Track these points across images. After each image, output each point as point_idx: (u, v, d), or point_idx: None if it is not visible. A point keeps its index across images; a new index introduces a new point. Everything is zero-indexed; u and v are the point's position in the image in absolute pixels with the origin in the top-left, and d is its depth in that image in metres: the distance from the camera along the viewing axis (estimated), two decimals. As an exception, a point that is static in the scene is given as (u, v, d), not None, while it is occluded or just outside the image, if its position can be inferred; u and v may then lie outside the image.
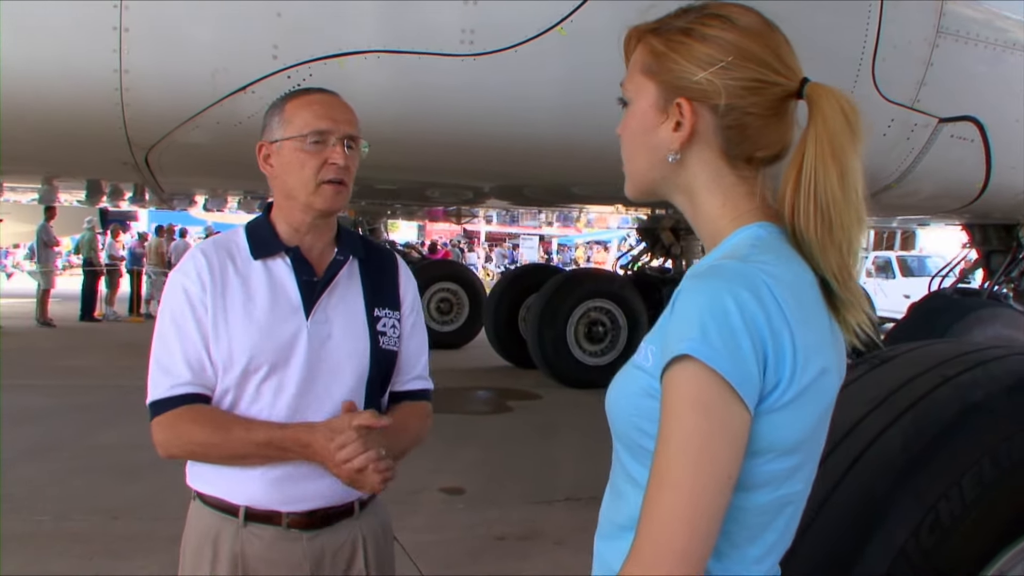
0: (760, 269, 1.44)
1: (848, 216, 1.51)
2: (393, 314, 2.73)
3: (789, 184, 1.53)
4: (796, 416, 1.46)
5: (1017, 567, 2.53)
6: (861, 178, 1.53)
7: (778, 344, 1.41)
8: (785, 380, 1.43)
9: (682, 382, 1.39)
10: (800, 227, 1.53)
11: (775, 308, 1.41)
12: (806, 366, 1.44)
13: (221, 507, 2.56)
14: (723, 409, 1.37)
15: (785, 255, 1.52)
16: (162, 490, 6.73)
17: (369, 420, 2.39)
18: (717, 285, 1.42)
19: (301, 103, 2.56)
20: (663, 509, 1.37)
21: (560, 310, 13.42)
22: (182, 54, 4.78)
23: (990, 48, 6.36)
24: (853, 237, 1.52)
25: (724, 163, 1.59)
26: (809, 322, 1.47)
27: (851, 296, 1.56)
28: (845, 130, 1.51)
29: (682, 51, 1.57)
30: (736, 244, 1.54)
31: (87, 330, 20.01)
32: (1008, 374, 2.76)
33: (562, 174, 7.19)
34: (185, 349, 2.50)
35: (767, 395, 1.42)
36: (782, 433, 1.45)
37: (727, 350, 1.37)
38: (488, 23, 4.96)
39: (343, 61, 4.84)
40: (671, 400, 1.40)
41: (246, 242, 2.63)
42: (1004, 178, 7.01)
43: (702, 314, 1.39)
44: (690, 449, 1.36)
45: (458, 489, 7.68)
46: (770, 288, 1.42)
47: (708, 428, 1.37)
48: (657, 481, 1.39)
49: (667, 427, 1.40)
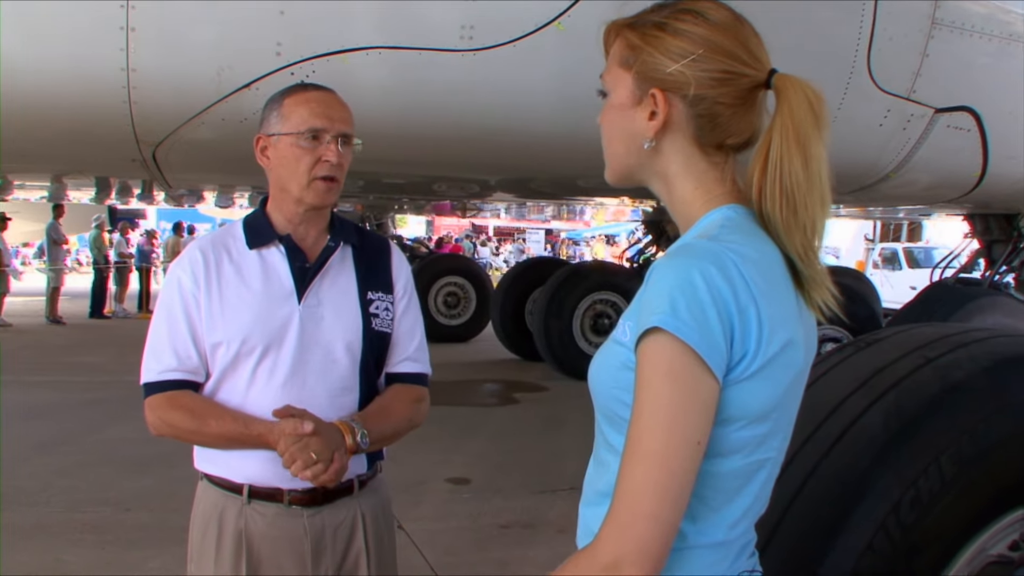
0: (728, 248, 1.54)
1: (812, 199, 1.60)
2: (386, 297, 2.83)
3: (756, 169, 1.63)
4: (764, 385, 1.55)
5: (997, 545, 2.60)
6: (825, 163, 1.61)
7: (744, 317, 1.50)
8: (751, 351, 1.51)
9: (654, 353, 1.48)
10: (767, 209, 1.62)
11: (741, 284, 1.50)
12: (772, 338, 1.53)
13: (226, 486, 2.68)
14: (692, 378, 1.46)
15: (753, 235, 1.62)
16: (172, 482, 6.84)
17: (291, 430, 2.48)
18: (686, 262, 1.51)
19: (299, 100, 2.65)
20: (637, 473, 1.46)
21: (566, 303, 13.48)
22: (188, 52, 4.86)
23: (986, 39, 6.41)
24: (816, 219, 1.61)
25: (696, 150, 1.69)
26: (775, 297, 1.56)
27: (814, 274, 1.65)
28: (810, 118, 1.60)
29: (656, 44, 1.66)
30: (707, 225, 1.64)
31: (96, 327, 20.08)
32: (988, 355, 2.81)
33: (562, 166, 7.23)
34: (173, 338, 2.64)
35: (735, 365, 1.51)
36: (751, 402, 1.54)
37: (695, 322, 1.46)
38: (487, 19, 5.03)
39: (345, 58, 4.91)
40: (644, 370, 1.49)
41: (243, 233, 2.75)
42: (1002, 168, 7.05)
43: (672, 289, 1.48)
44: (662, 416, 1.46)
45: (464, 480, 7.76)
46: (737, 265, 1.51)
47: (678, 396, 1.46)
48: (632, 447, 1.48)
49: (640, 396, 1.49)
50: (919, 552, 2.49)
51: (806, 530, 2.51)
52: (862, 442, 2.60)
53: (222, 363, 2.63)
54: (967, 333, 3.01)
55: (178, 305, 2.64)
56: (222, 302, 2.63)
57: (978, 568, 2.57)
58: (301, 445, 2.46)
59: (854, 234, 31.88)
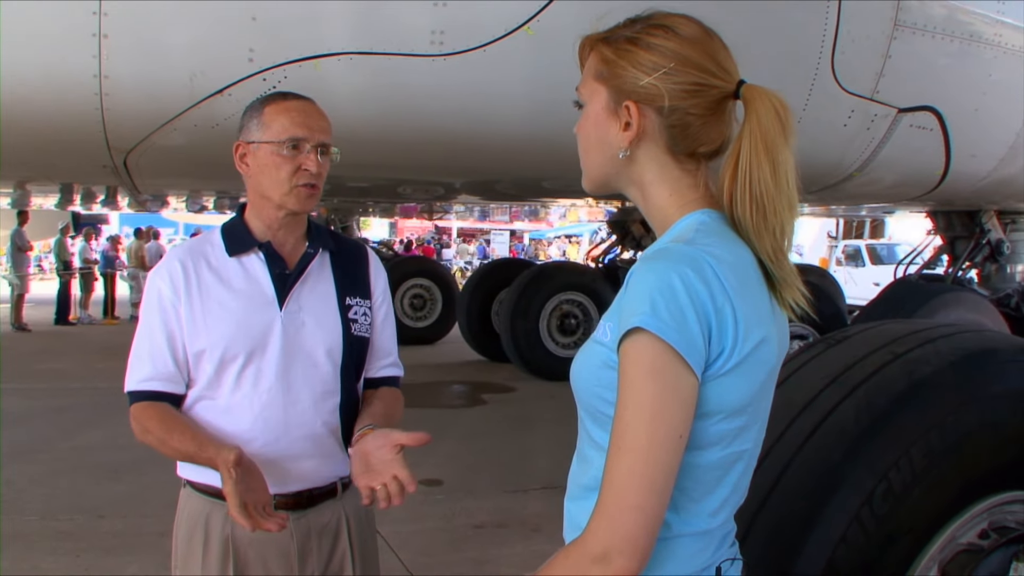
0: (704, 251, 1.61)
1: (780, 204, 1.68)
2: (364, 302, 2.87)
3: (727, 176, 1.70)
4: (740, 381, 1.62)
5: (967, 533, 2.67)
6: (792, 169, 1.70)
7: (721, 317, 1.57)
8: (728, 349, 1.59)
9: (636, 352, 1.55)
10: (738, 214, 1.70)
11: (718, 285, 1.58)
12: (747, 336, 1.61)
13: (210, 492, 2.69)
14: (673, 375, 1.53)
15: (727, 238, 1.69)
16: (146, 488, 6.86)
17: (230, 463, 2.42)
18: (665, 265, 1.58)
19: (279, 108, 2.67)
20: (623, 467, 1.53)
21: (533, 303, 13.55)
22: (160, 59, 4.86)
23: (947, 39, 6.50)
24: (785, 222, 1.70)
25: (669, 158, 1.76)
26: (749, 297, 1.63)
27: (784, 275, 1.73)
28: (777, 127, 1.68)
29: (629, 58, 1.73)
30: (682, 229, 1.71)
31: (62, 334, 19.97)
32: (955, 351, 2.89)
33: (532, 169, 7.28)
34: (151, 349, 2.67)
35: (712, 362, 1.59)
36: (728, 397, 1.62)
37: (675, 322, 1.53)
38: (457, 24, 5.06)
39: (317, 63, 4.93)
40: (627, 369, 1.56)
41: (222, 241, 2.77)
42: (964, 166, 7.18)
43: (651, 291, 1.55)
44: (645, 412, 1.53)
45: (436, 481, 7.78)
46: (713, 267, 1.58)
47: (661, 392, 1.53)
48: (617, 442, 1.55)
49: (624, 393, 1.56)
50: (892, 542, 2.55)
51: (782, 523, 2.57)
52: (834, 436, 2.66)
53: (206, 370, 2.66)
54: (934, 329, 3.08)
55: (156, 315, 2.67)
56: (203, 310, 2.66)
57: (949, 556, 2.64)
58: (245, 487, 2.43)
59: (817, 231, 32.12)
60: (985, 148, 7.30)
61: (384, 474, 2.44)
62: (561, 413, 11.06)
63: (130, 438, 2.68)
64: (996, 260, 10.45)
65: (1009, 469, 2.75)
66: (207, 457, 2.51)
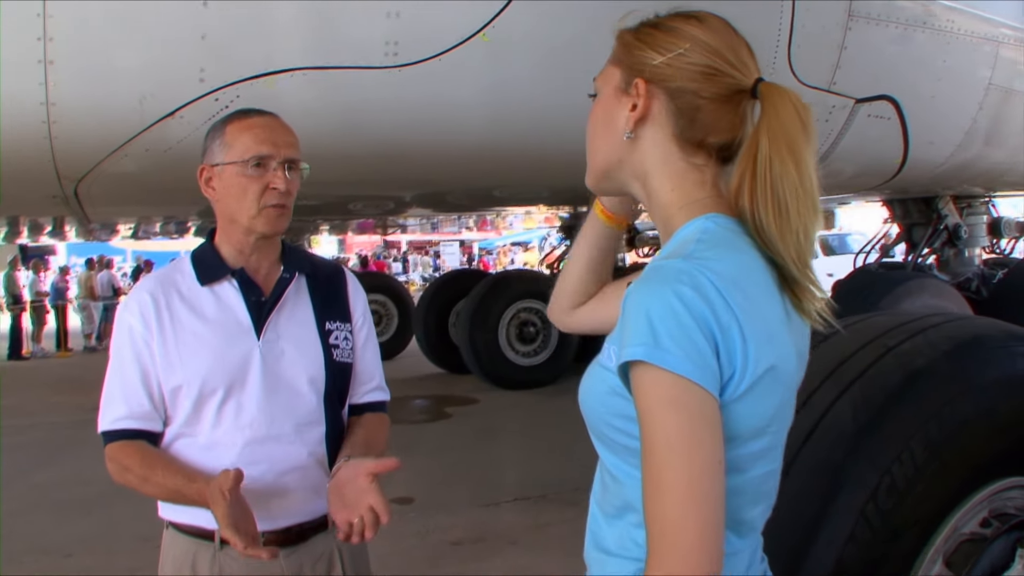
0: (703, 266, 1.49)
1: (804, 205, 1.58)
2: (344, 326, 2.77)
3: (747, 175, 1.60)
4: (755, 404, 1.52)
5: (969, 523, 2.65)
6: (815, 170, 1.60)
7: (727, 337, 1.46)
8: (739, 371, 1.48)
9: (648, 386, 1.45)
10: (759, 217, 1.58)
11: (720, 303, 1.46)
12: (759, 356, 1.49)
13: (196, 533, 2.58)
14: (693, 399, 1.42)
15: (734, 247, 1.59)
16: (113, 525, 6.72)
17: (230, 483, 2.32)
18: (661, 288, 1.47)
19: (241, 127, 2.57)
20: (669, 511, 1.41)
21: (491, 313, 13.45)
22: (109, 83, 4.74)
23: (902, 28, 6.55)
24: (809, 225, 1.59)
25: (675, 146, 1.67)
26: (757, 313, 1.52)
27: (809, 283, 1.62)
28: (798, 125, 1.59)
29: (647, 40, 1.67)
30: (683, 239, 1.60)
31: (15, 369, 19.71)
32: (946, 340, 2.87)
33: (491, 179, 7.24)
34: (124, 386, 2.56)
35: (724, 387, 1.48)
36: (744, 421, 1.51)
37: (681, 350, 1.42)
38: (411, 34, 4.99)
39: (270, 80, 4.84)
40: (643, 406, 1.46)
41: (192, 269, 2.66)
42: (922, 153, 7.22)
43: (650, 317, 1.44)
44: (676, 445, 1.42)
45: (407, 499, 7.68)
46: (714, 284, 1.47)
47: (686, 421, 1.42)
48: (655, 484, 1.43)
49: (648, 431, 1.45)
50: (898, 537, 2.52)
51: (788, 525, 2.50)
52: (834, 434, 2.63)
53: (184, 406, 2.55)
54: (922, 320, 3.06)
55: (128, 351, 2.55)
56: (177, 343, 2.54)
57: (953, 547, 2.61)
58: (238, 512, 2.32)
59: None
60: (942, 134, 7.37)
61: (360, 505, 2.35)
62: (526, 423, 11.19)
63: (94, 473, 2.58)
64: (954, 245, 10.54)
65: (1006, 455, 2.73)
66: (196, 489, 2.41)
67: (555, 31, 5.06)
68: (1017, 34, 7.51)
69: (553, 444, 9.33)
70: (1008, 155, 8.36)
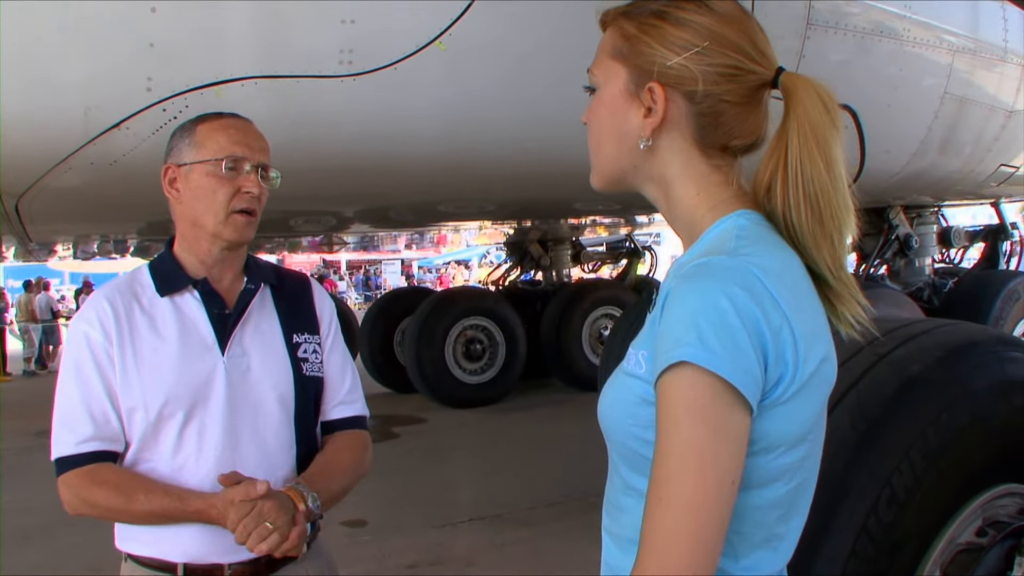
0: (750, 262, 1.40)
1: (838, 205, 1.49)
2: (313, 338, 2.62)
3: (778, 176, 1.50)
4: (802, 407, 1.43)
5: (964, 533, 2.62)
6: (846, 167, 1.50)
7: (778, 339, 1.37)
8: (789, 374, 1.39)
9: (678, 389, 1.35)
10: (792, 219, 1.50)
11: (771, 302, 1.37)
12: (808, 356, 1.41)
13: (157, 566, 2.40)
14: (722, 412, 1.33)
15: (772, 243, 1.49)
16: (59, 553, 6.49)
17: (243, 495, 2.25)
18: (709, 285, 1.37)
19: (215, 126, 2.45)
20: (666, 523, 1.33)
21: (437, 330, 13.31)
22: (51, 94, 4.55)
23: (859, 36, 6.54)
24: (844, 226, 1.50)
25: (697, 151, 1.56)
26: (805, 311, 1.44)
27: (844, 287, 1.54)
28: (827, 119, 1.49)
29: (656, 35, 1.53)
30: (720, 236, 1.50)
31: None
32: (938, 346, 2.83)
33: (447, 191, 7.13)
34: (88, 402, 2.36)
35: (771, 390, 1.39)
36: (790, 426, 1.42)
37: (727, 352, 1.32)
38: (366, 42, 4.85)
39: (220, 90, 4.68)
40: (667, 408, 1.36)
41: (151, 280, 2.50)
42: (879, 162, 7.19)
43: (696, 317, 1.35)
44: (689, 458, 1.32)
45: (360, 521, 7.52)
46: (763, 281, 1.38)
47: (707, 434, 1.33)
48: (657, 493, 1.34)
49: (664, 437, 1.36)
50: (899, 550, 2.49)
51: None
52: (834, 445, 2.52)
53: (141, 429, 2.36)
54: (911, 326, 3.03)
55: (89, 364, 2.36)
56: (136, 359, 2.37)
57: (949, 557, 2.59)
58: (254, 515, 2.22)
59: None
60: (898, 143, 7.41)
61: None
62: (475, 441, 11.08)
63: (37, 501, 2.40)
64: (905, 255, 10.60)
65: (998, 462, 2.71)
66: (193, 510, 2.28)
67: (517, 39, 4.95)
68: (971, 44, 7.57)
69: (503, 463, 9.32)
70: (962, 164, 8.44)
